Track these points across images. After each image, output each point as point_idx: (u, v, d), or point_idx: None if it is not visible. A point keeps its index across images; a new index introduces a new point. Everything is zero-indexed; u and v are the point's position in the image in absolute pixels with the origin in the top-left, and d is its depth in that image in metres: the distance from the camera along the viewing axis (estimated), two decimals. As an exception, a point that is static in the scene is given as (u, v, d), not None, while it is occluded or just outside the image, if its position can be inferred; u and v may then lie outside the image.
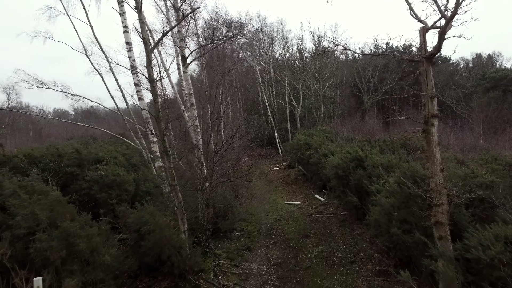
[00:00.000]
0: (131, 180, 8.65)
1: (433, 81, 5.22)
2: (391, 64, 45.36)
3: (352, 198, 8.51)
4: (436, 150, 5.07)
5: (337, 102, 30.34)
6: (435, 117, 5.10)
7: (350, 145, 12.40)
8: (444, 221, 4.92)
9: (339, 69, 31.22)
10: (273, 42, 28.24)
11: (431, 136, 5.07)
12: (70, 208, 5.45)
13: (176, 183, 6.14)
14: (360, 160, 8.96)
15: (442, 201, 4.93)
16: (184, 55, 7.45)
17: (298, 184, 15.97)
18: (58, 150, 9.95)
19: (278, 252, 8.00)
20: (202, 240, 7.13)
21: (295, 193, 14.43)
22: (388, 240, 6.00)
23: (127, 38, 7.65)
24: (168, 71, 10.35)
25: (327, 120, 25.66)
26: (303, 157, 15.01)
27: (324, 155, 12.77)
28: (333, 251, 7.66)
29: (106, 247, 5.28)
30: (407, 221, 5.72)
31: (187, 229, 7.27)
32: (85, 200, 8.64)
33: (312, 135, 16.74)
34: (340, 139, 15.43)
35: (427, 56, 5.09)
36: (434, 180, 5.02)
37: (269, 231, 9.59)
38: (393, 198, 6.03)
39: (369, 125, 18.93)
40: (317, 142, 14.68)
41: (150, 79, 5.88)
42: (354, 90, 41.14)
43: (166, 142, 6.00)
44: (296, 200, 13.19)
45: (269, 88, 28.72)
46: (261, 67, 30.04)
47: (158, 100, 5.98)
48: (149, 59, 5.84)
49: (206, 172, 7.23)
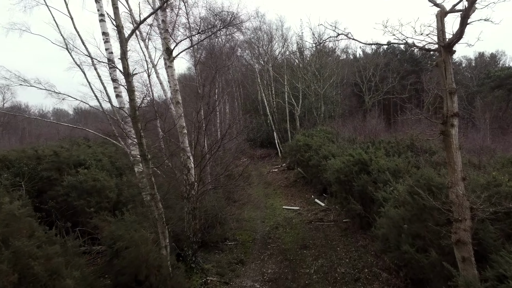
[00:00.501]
0: (112, 185, 7.90)
1: (453, 74, 4.46)
2: (393, 63, 44.66)
3: (356, 205, 7.74)
4: (456, 155, 4.30)
5: (338, 102, 29.54)
6: (455, 116, 4.33)
7: (353, 147, 11.63)
8: (467, 239, 4.15)
9: (340, 67, 30.43)
10: (272, 40, 27.48)
11: (451, 138, 4.30)
12: (27, 223, 4.68)
13: (156, 192, 5.37)
14: (364, 164, 8.19)
15: (465, 216, 4.16)
16: (169, 47, 6.69)
17: (298, 187, 15.20)
18: (36, 152, 9.19)
19: (274, 266, 7.24)
20: (188, 255, 6.37)
21: (294, 197, 13.66)
22: (398, 257, 5.24)
23: (103, 28, 6.90)
24: (156, 66, 9.62)
25: (328, 120, 24.87)
26: (302, 159, 14.23)
27: (325, 157, 12.00)
28: (335, 265, 6.89)
29: (69, 269, 4.52)
30: (420, 236, 4.96)
31: (171, 243, 6.52)
32: (63, 207, 7.91)
33: (312, 136, 15.95)
34: (341, 139, 14.65)
35: (446, 44, 4.32)
36: (454, 191, 4.25)
37: (265, 240, 8.82)
38: (403, 209, 5.26)
39: (372, 125, 18.12)
40: (317, 143, 13.91)
41: (125, 73, 5.12)
42: (355, 90, 40.44)
43: (144, 145, 5.24)
44: (295, 204, 12.42)
45: (268, 87, 27.96)
46: (260, 65, 29.29)
47: (135, 97, 5.21)
48: (124, 50, 5.07)
49: (193, 178, 6.48)
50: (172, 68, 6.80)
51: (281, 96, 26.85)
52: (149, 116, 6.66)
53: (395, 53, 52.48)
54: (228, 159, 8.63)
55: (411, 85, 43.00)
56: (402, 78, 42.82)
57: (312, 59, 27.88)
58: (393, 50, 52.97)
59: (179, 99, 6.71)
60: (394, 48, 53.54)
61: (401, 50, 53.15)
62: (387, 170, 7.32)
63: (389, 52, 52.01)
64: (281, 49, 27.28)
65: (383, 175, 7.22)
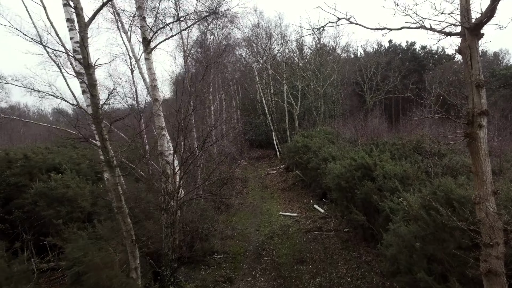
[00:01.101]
0: (86, 193, 7.07)
1: (480, 64, 3.62)
2: (394, 62, 43.79)
3: (358, 216, 6.90)
4: (485, 163, 3.46)
5: (339, 101, 28.67)
6: (483, 115, 3.48)
7: (354, 149, 10.78)
8: (500, 270, 3.31)
9: (341, 65, 29.54)
10: (271, 38, 26.61)
11: (478, 142, 3.46)
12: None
13: (124, 204, 4.54)
14: (368, 169, 7.35)
15: (497, 240, 3.32)
16: (146, 37, 5.88)
17: (296, 190, 14.36)
18: (7, 155, 8.37)
19: (266, 284, 6.41)
20: (166, 275, 5.54)
21: (291, 202, 12.82)
22: (410, 283, 4.39)
23: (67, 14, 6.08)
24: (139, 61, 8.77)
25: (328, 120, 24.00)
26: (301, 161, 13.38)
27: (325, 160, 11.16)
28: (335, 285, 6.05)
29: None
30: (437, 260, 4.12)
31: (150, 260, 5.71)
32: (32, 217, 7.09)
33: (311, 137, 15.09)
34: (342, 140, 13.80)
35: (472, 25, 3.49)
36: (483, 208, 3.41)
37: (258, 253, 7.99)
38: (416, 226, 4.42)
39: (374, 125, 17.27)
40: (317, 145, 13.06)
41: (84, 64, 4.29)
42: (356, 89, 39.62)
43: (109, 149, 4.41)
44: (293, 210, 11.58)
45: (267, 86, 27.12)
46: (259, 64, 28.44)
47: (97, 93, 4.39)
48: (83, 37, 4.25)
49: (172, 187, 5.65)
50: (150, 61, 5.98)
51: (280, 96, 26.00)
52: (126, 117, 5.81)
53: (396, 51, 51.61)
54: (213, 164, 7.80)
55: (413, 84, 42.19)
56: (403, 77, 42.00)
57: (312, 57, 27.03)
58: (395, 49, 52.13)
59: (157, 96, 5.89)
60: (396, 47, 52.74)
61: (402, 48, 52.32)
62: (394, 176, 6.49)
63: (391, 51, 51.14)
64: (280, 47, 26.40)
65: (389, 182, 6.38)
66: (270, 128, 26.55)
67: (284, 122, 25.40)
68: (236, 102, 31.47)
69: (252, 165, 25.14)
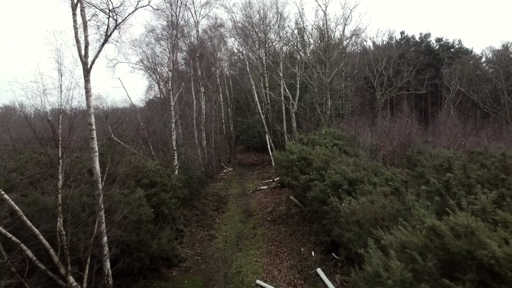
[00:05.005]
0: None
1: None
2: (408, 55, 38.78)
3: None
4: None
5: (348, 96, 23.67)
6: None
7: (390, 169, 5.91)
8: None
9: (351, 56, 24.58)
10: (265, 19, 21.72)
11: None
12: None
13: None
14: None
15: None
16: None
17: (290, 225, 9.49)
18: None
19: None
20: None
21: (281, 251, 7.95)
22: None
23: None
24: None
25: (336, 119, 19.08)
26: (296, 184, 8.51)
27: (337, 188, 6.36)
28: None
29: None
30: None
31: None
32: None
33: (313, 144, 10.14)
34: (362, 150, 8.92)
35: None
36: None
37: None
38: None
39: (402, 127, 12.33)
40: (322, 158, 8.19)
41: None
42: (366, 85, 34.81)
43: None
44: (280, 275, 6.71)
45: (261, 78, 22.27)
46: (252, 53, 23.62)
47: None
48: None
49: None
50: None
51: (277, 91, 21.08)
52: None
53: (409, 44, 46.43)
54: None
55: (429, 80, 37.14)
56: (418, 72, 36.99)
57: (315, 44, 22.08)
58: (407, 41, 46.89)
59: None
60: (408, 39, 47.45)
61: (415, 41, 47.11)
62: None
63: (403, 43, 45.96)
64: (276, 28, 21.41)
65: None
66: (265, 130, 21.70)
67: (280, 122, 20.56)
68: (228, 98, 26.68)
69: (241, 175, 20.27)
